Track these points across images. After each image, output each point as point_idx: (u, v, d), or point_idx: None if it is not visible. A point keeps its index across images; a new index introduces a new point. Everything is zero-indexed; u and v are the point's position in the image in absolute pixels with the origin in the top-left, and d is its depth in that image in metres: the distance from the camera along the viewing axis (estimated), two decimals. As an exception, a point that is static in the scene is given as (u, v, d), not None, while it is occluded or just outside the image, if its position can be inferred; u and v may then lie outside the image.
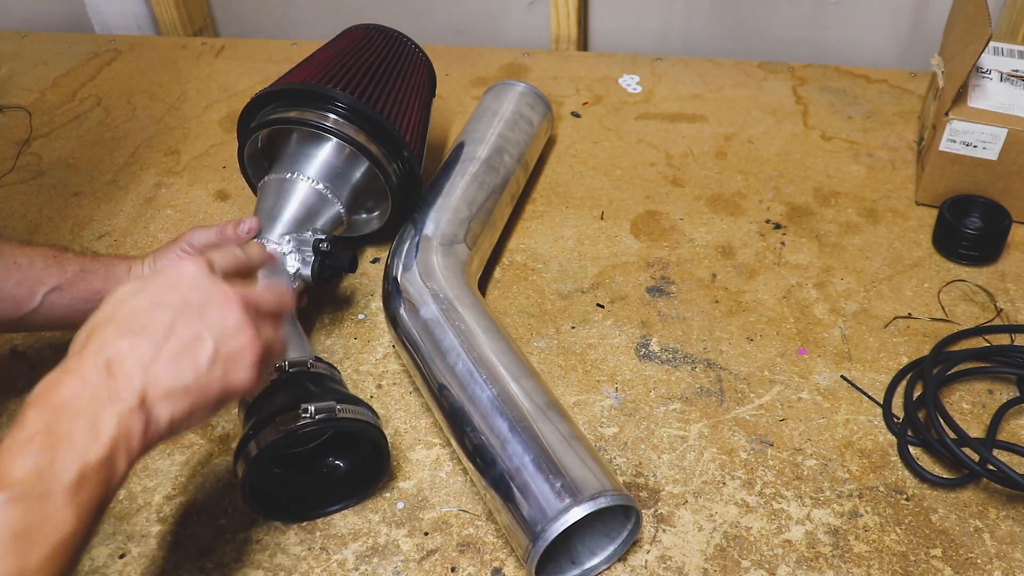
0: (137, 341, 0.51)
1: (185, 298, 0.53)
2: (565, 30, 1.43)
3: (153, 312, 0.52)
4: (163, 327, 0.51)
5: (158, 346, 0.51)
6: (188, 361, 0.52)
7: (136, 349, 0.50)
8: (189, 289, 0.54)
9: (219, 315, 0.54)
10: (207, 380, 0.52)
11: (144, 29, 1.59)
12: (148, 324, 0.51)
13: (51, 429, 0.46)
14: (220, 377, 0.53)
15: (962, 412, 0.79)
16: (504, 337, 0.77)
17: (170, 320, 0.52)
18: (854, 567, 0.67)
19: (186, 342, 0.52)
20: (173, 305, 0.53)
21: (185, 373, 0.51)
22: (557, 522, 0.61)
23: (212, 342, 0.53)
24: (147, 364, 0.50)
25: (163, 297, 0.53)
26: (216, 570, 0.69)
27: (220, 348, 0.53)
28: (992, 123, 0.95)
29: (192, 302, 0.53)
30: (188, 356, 0.52)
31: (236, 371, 0.54)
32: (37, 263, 0.76)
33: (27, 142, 1.24)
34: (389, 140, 0.92)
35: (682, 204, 1.07)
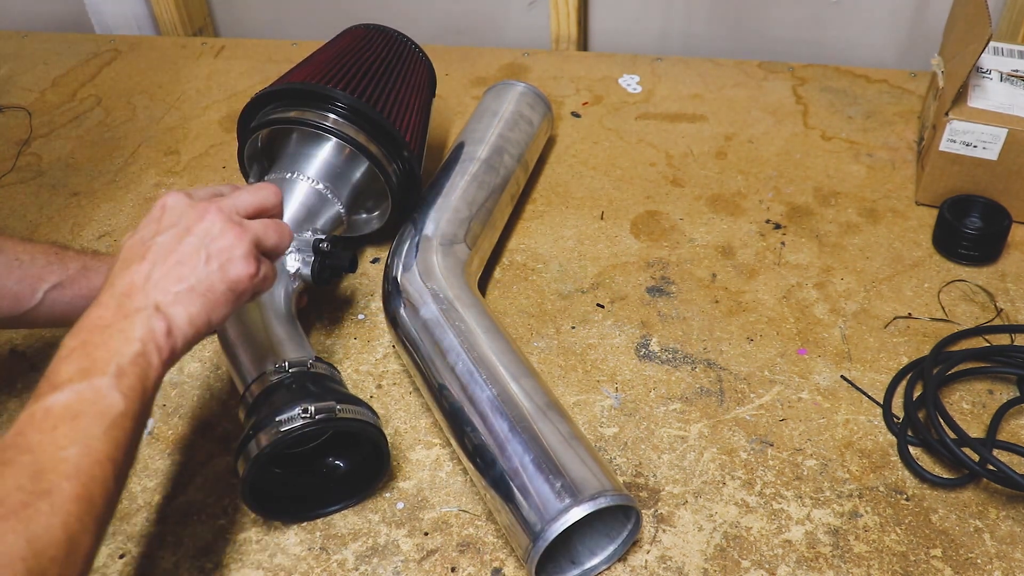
0: (139, 267, 0.58)
1: (170, 222, 0.60)
2: (565, 30, 1.43)
3: (145, 242, 0.59)
4: (156, 250, 0.58)
5: (156, 263, 0.58)
6: (184, 267, 0.58)
7: (140, 272, 0.57)
8: (170, 214, 0.61)
9: (200, 225, 0.60)
10: (207, 277, 0.59)
11: (144, 29, 1.59)
12: (144, 252, 0.58)
13: (86, 343, 0.53)
14: (218, 272, 0.59)
15: (962, 412, 0.79)
16: (504, 337, 0.77)
17: (161, 242, 0.59)
18: (854, 567, 0.67)
19: (179, 253, 0.59)
20: (160, 231, 0.60)
21: (185, 276, 0.58)
22: (557, 522, 0.61)
23: (201, 246, 0.59)
24: (152, 279, 0.57)
25: (151, 229, 0.60)
26: (216, 570, 0.69)
27: (210, 248, 0.59)
28: (992, 123, 0.95)
29: (176, 223, 0.60)
30: (184, 263, 0.58)
31: (232, 264, 0.60)
32: (39, 260, 0.76)
33: (27, 142, 1.24)
34: (389, 140, 0.92)
35: (682, 204, 1.07)
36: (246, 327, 0.77)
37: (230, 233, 0.60)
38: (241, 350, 0.76)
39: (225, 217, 0.61)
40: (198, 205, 0.61)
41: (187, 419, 0.82)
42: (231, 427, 0.81)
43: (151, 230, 0.60)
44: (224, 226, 0.60)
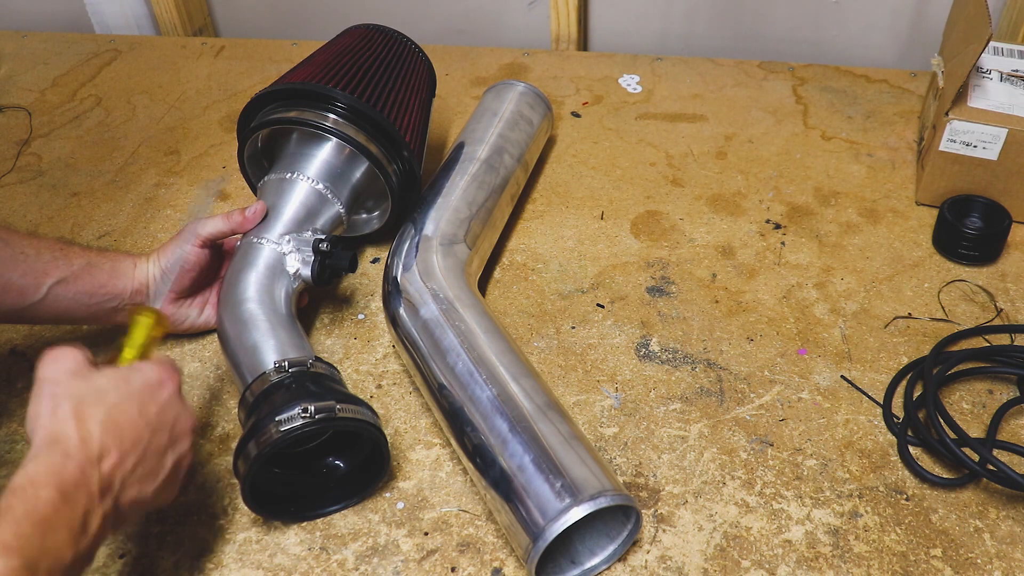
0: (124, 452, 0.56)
1: (163, 419, 0.60)
2: (565, 30, 1.43)
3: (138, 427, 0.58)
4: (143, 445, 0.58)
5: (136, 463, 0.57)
6: (151, 481, 0.59)
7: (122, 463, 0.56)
8: (166, 408, 0.61)
9: (184, 441, 0.62)
10: (154, 495, 0.59)
11: (144, 29, 1.59)
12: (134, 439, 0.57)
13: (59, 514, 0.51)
14: (159, 493, 0.60)
15: (962, 412, 0.79)
16: (504, 337, 0.77)
17: (148, 440, 0.59)
18: (854, 567, 0.67)
19: (154, 463, 0.59)
20: (152, 424, 0.59)
21: (146, 489, 0.58)
22: (557, 522, 0.61)
23: (171, 465, 0.61)
24: (126, 478, 0.56)
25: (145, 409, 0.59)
26: (216, 570, 0.69)
27: (173, 470, 0.61)
28: (992, 123, 0.95)
29: (167, 423, 0.61)
30: (153, 476, 0.59)
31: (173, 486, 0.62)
32: (44, 255, 0.76)
33: (27, 142, 1.24)
34: (389, 140, 0.92)
35: (682, 204, 1.07)
36: (246, 327, 0.77)
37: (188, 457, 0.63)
38: (241, 350, 0.76)
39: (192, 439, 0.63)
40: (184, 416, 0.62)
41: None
42: (231, 427, 0.81)
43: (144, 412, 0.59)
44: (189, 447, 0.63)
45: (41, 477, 0.52)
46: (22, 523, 0.49)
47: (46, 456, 0.53)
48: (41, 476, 0.52)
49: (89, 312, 0.80)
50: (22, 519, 0.49)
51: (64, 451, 0.54)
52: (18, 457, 0.78)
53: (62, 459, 0.53)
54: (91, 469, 0.54)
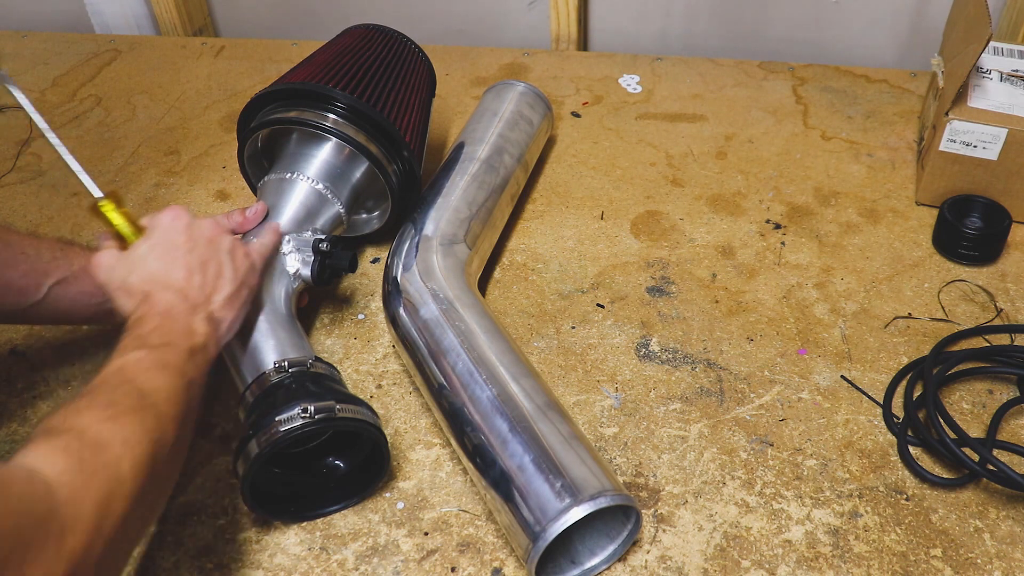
0: (188, 276, 0.69)
1: (188, 238, 0.72)
2: (565, 30, 1.43)
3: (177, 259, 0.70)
4: (196, 264, 0.71)
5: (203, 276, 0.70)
6: (223, 279, 0.72)
7: (190, 280, 0.69)
8: (186, 231, 0.72)
9: (219, 240, 0.74)
10: (239, 285, 0.73)
11: (144, 29, 1.59)
12: (183, 267, 0.70)
13: (164, 325, 0.65)
14: (244, 277, 0.74)
15: (962, 412, 0.79)
16: (504, 337, 0.77)
17: (196, 257, 0.71)
18: (854, 567, 0.67)
19: (215, 266, 0.72)
20: (184, 246, 0.71)
21: (226, 286, 0.72)
22: (557, 522, 0.61)
23: (227, 258, 0.73)
24: (201, 287, 0.70)
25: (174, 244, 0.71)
26: (216, 570, 0.69)
27: (234, 259, 0.74)
28: (992, 123, 0.95)
29: (196, 238, 0.72)
30: (222, 275, 0.72)
31: (250, 274, 0.75)
32: (44, 255, 0.76)
33: (27, 142, 1.24)
34: (389, 140, 0.92)
35: (682, 204, 1.07)
36: (246, 327, 0.77)
37: (239, 249, 0.75)
38: (241, 350, 0.76)
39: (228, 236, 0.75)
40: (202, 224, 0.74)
41: None
42: (231, 427, 0.81)
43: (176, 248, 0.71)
44: (232, 243, 0.75)
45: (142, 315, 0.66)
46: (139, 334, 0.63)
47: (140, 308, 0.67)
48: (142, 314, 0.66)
49: (89, 312, 0.80)
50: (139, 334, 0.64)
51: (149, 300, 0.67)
52: (18, 457, 0.78)
53: (150, 303, 0.67)
54: (174, 297, 0.68)
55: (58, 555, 0.46)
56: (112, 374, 0.59)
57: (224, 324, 0.70)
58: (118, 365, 0.60)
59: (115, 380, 0.58)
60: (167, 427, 0.58)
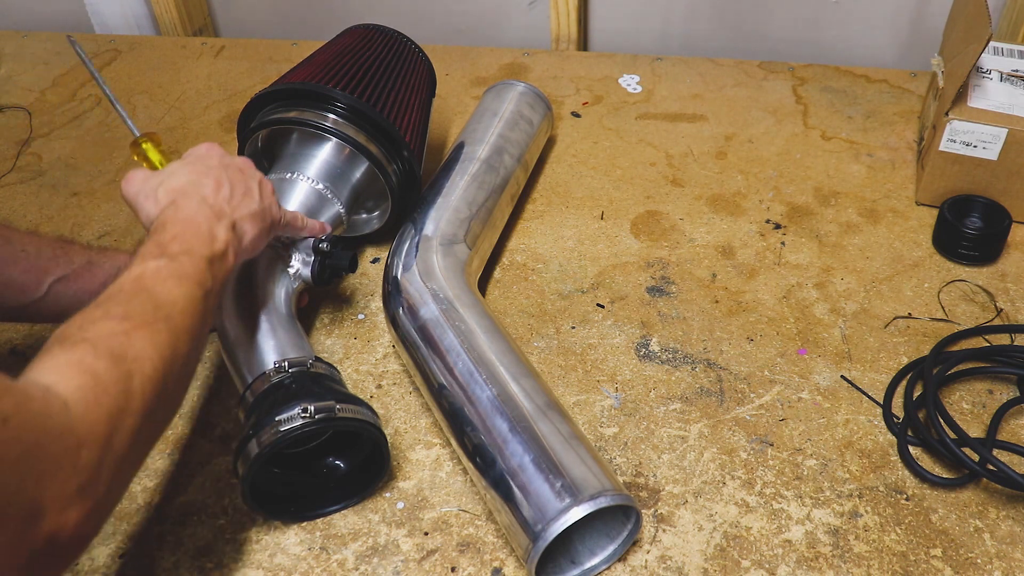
0: (217, 188, 0.71)
1: (221, 163, 0.75)
2: (565, 30, 1.43)
3: (209, 174, 0.72)
4: (225, 180, 0.73)
5: (231, 190, 0.72)
6: (250, 198, 0.74)
7: (218, 192, 0.71)
8: (220, 157, 0.76)
9: (250, 171, 0.77)
10: (263, 209, 0.75)
11: (144, 29, 1.59)
12: (213, 180, 0.72)
13: (185, 232, 0.66)
14: (268, 208, 0.76)
15: (962, 412, 0.79)
16: (504, 337, 0.77)
17: (226, 176, 0.73)
18: (854, 567, 0.67)
19: (243, 187, 0.74)
20: (217, 167, 0.74)
21: (252, 205, 0.73)
22: (557, 522, 0.61)
23: (256, 186, 0.75)
24: (231, 201, 0.72)
25: (206, 164, 0.74)
26: (216, 570, 0.69)
27: (262, 190, 0.76)
28: (992, 123, 0.95)
29: (228, 164, 0.75)
30: (249, 195, 0.74)
31: (273, 205, 0.77)
32: (44, 252, 0.76)
33: (27, 142, 1.24)
34: (389, 140, 0.92)
35: (682, 204, 1.07)
36: (246, 327, 0.77)
37: (266, 182, 0.78)
38: (241, 350, 0.76)
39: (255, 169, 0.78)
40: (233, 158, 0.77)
41: (187, 419, 0.82)
42: (231, 427, 0.81)
43: (207, 165, 0.73)
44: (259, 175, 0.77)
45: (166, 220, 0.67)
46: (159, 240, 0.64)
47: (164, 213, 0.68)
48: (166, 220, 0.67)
49: None
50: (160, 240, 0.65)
51: (175, 206, 0.69)
52: (18, 457, 0.78)
53: (175, 209, 0.68)
54: (200, 204, 0.69)
55: (74, 469, 0.47)
56: (130, 282, 0.60)
57: (247, 236, 0.72)
58: (137, 273, 0.61)
59: (132, 289, 0.59)
60: (180, 341, 0.59)
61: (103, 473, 0.49)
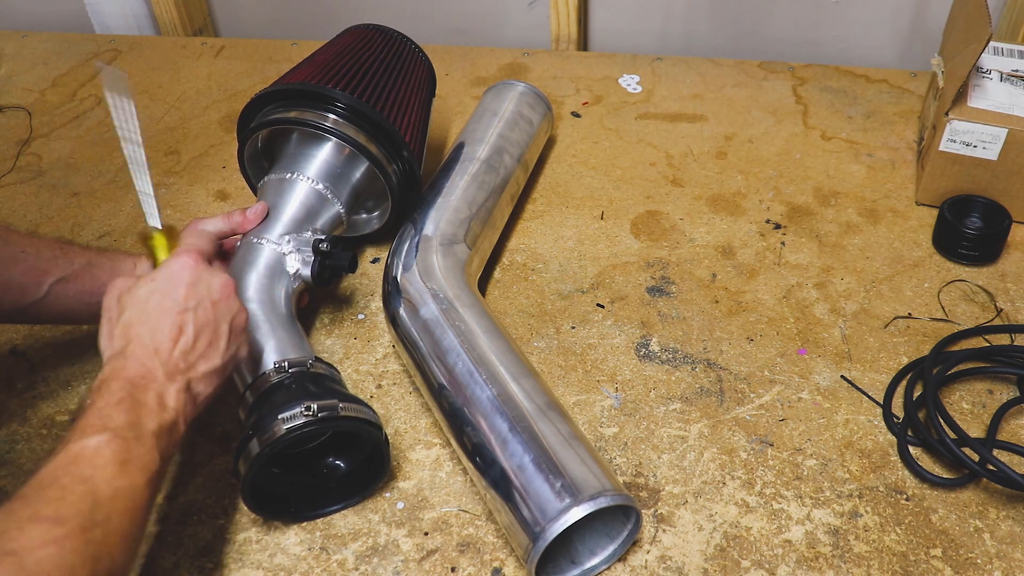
0: (176, 336, 0.64)
1: (190, 293, 0.66)
2: (565, 30, 1.43)
3: (168, 314, 0.64)
4: (190, 321, 0.65)
5: (193, 338, 0.65)
6: (214, 350, 0.66)
7: (176, 342, 0.64)
8: (189, 286, 0.66)
9: (225, 304, 0.68)
10: (225, 364, 0.67)
11: (144, 29, 1.59)
12: (173, 323, 0.64)
13: (133, 396, 0.59)
14: (232, 357, 0.68)
15: (962, 412, 0.79)
16: (504, 337, 0.77)
17: (192, 316, 0.65)
18: (854, 567, 0.67)
19: (210, 332, 0.66)
20: (184, 299, 0.65)
21: (214, 360, 0.66)
22: (557, 522, 0.61)
23: (227, 328, 0.67)
24: (187, 352, 0.64)
25: (173, 296, 0.65)
26: (216, 570, 0.69)
27: (232, 330, 0.68)
28: (992, 123, 0.95)
29: (203, 297, 0.66)
30: (214, 344, 0.66)
31: (242, 346, 0.69)
32: (44, 253, 0.76)
33: (27, 142, 1.24)
34: (389, 140, 0.92)
35: (682, 204, 1.07)
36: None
37: (242, 314, 0.69)
38: (241, 350, 0.76)
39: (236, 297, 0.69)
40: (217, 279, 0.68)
41: None
42: (231, 427, 0.81)
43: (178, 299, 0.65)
44: (238, 306, 0.69)
45: (110, 377, 0.60)
46: (102, 409, 0.58)
47: (112, 364, 0.62)
48: (110, 376, 0.60)
49: (90, 312, 0.80)
50: (102, 407, 0.58)
51: (124, 357, 0.62)
52: (18, 457, 0.78)
53: (124, 361, 0.62)
54: (151, 361, 0.62)
55: None
56: (65, 468, 0.54)
57: (200, 398, 0.65)
58: (74, 454, 0.55)
59: (67, 479, 0.53)
60: (116, 551, 0.53)
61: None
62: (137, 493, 0.56)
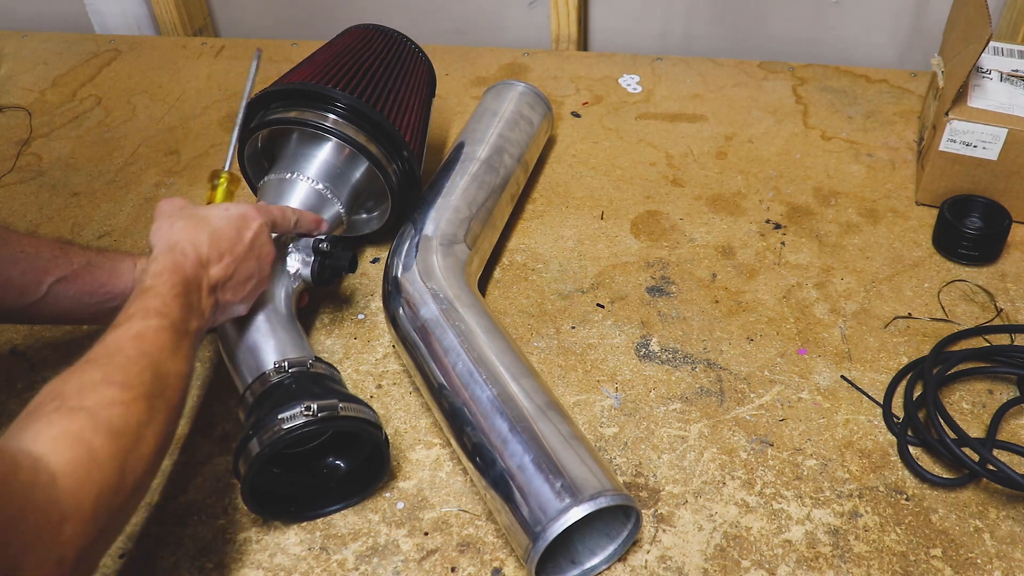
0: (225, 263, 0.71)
1: (252, 243, 0.74)
2: (565, 30, 1.43)
3: (234, 245, 0.72)
4: (236, 258, 0.72)
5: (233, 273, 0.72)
6: (239, 294, 0.73)
7: (222, 270, 0.71)
8: (258, 238, 0.75)
9: (266, 268, 0.76)
10: (240, 305, 0.74)
11: (144, 29, 1.59)
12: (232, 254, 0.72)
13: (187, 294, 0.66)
14: (243, 300, 0.75)
15: (962, 412, 0.79)
16: (504, 337, 0.77)
17: (241, 254, 0.73)
18: (854, 567, 0.67)
19: (245, 275, 0.73)
20: (245, 245, 0.73)
21: (236, 298, 0.73)
22: (557, 522, 0.61)
23: (254, 285, 0.75)
24: (224, 279, 0.71)
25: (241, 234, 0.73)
26: (216, 570, 0.69)
27: (254, 289, 0.75)
28: (992, 123, 0.95)
29: (255, 248, 0.75)
30: (240, 291, 0.73)
31: (249, 302, 0.76)
32: (44, 253, 0.76)
33: (27, 142, 1.24)
34: (389, 140, 0.92)
35: (682, 204, 1.07)
36: (246, 327, 0.77)
37: (266, 280, 0.77)
38: (241, 350, 0.76)
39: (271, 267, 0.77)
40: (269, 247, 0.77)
41: (187, 419, 0.82)
42: (231, 427, 0.81)
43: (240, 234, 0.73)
44: (267, 273, 0.77)
45: (169, 269, 0.66)
46: (164, 297, 0.64)
47: (168, 256, 0.68)
48: (168, 269, 0.66)
49: (90, 312, 0.80)
50: (164, 294, 0.64)
51: (182, 253, 0.68)
52: (18, 457, 0.78)
53: (182, 258, 0.68)
54: (202, 270, 0.69)
55: (55, 543, 0.47)
56: (130, 341, 0.59)
57: (221, 313, 0.72)
58: (138, 330, 0.60)
59: (133, 351, 0.58)
60: (172, 418, 0.59)
61: (84, 546, 0.49)
62: (184, 379, 0.62)
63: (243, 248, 0.73)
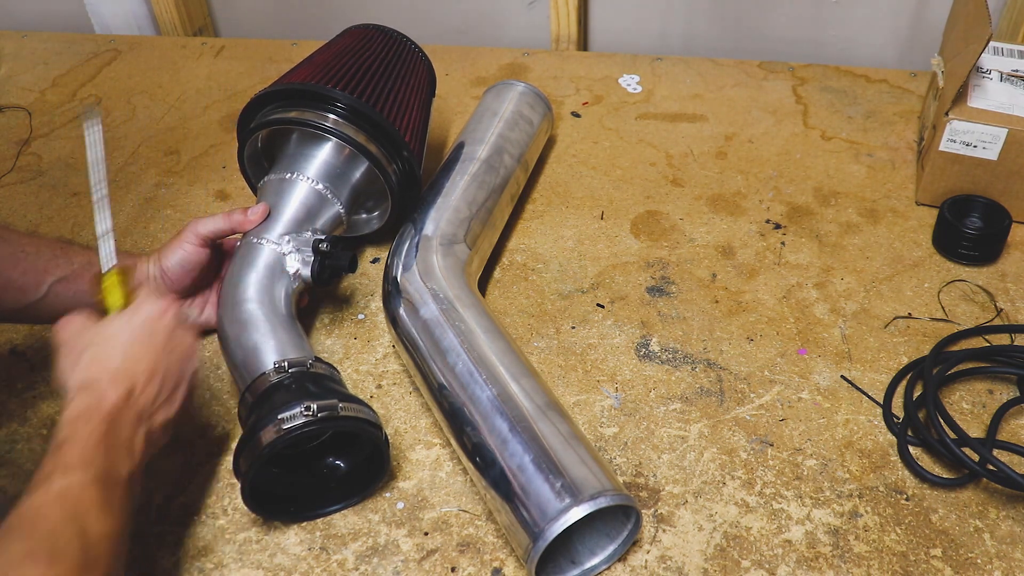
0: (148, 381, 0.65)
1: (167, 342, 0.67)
2: (565, 30, 1.43)
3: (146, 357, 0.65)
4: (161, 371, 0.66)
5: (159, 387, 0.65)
6: (172, 403, 0.67)
7: (147, 386, 0.64)
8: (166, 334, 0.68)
9: (190, 362, 0.70)
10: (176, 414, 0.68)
11: (144, 29, 1.59)
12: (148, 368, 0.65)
13: (110, 436, 0.60)
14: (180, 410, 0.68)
15: (962, 412, 0.79)
16: (504, 337, 0.77)
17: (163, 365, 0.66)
18: (854, 567, 0.67)
19: (173, 383, 0.67)
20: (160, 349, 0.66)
21: (171, 409, 0.67)
22: (557, 522, 0.61)
23: (186, 387, 0.69)
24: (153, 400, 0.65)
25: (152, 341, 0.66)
26: (216, 570, 0.69)
27: (188, 388, 0.69)
28: (992, 123, 0.95)
29: (173, 347, 0.68)
30: (173, 397, 0.67)
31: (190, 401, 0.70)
32: (44, 253, 0.76)
33: (27, 142, 1.24)
34: (389, 140, 0.92)
35: (682, 204, 1.07)
36: (246, 327, 0.77)
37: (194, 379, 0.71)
38: (241, 350, 0.76)
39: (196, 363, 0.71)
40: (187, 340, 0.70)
41: (187, 419, 0.81)
42: (231, 427, 0.81)
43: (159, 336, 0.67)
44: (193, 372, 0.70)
45: (84, 415, 0.60)
46: (84, 446, 0.57)
47: (83, 398, 0.61)
48: (83, 414, 0.60)
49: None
50: (83, 442, 0.58)
51: (98, 391, 0.61)
52: (18, 457, 0.78)
53: (98, 397, 0.61)
54: (125, 403, 0.62)
55: None
56: (52, 505, 0.53)
57: (150, 449, 0.65)
58: (58, 491, 0.54)
59: (57, 515, 0.53)
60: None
61: None
62: (118, 538, 0.56)
63: (161, 354, 0.66)
